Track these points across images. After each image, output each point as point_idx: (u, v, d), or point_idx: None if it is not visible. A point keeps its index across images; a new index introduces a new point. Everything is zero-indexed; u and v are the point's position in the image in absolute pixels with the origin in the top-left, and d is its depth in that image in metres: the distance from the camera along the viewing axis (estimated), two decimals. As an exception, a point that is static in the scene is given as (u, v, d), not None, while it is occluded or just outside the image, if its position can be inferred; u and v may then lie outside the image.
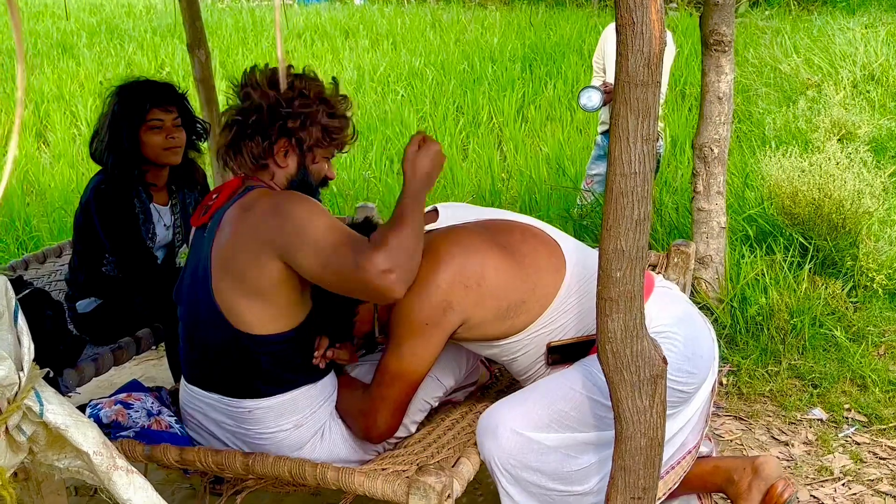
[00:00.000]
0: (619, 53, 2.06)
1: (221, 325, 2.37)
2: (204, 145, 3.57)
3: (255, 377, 2.40)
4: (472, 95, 9.60)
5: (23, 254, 5.01)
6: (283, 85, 1.70)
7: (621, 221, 2.11)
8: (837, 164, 4.63)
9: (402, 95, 9.68)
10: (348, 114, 2.56)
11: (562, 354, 2.52)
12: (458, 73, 10.48)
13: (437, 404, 2.71)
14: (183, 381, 2.59)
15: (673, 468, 2.57)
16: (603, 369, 2.23)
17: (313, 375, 2.49)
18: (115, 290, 3.35)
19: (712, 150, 4.03)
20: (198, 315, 2.45)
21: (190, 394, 2.55)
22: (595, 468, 2.43)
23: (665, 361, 2.24)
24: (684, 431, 2.56)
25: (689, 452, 2.61)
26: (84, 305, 3.37)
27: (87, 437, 1.74)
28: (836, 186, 4.49)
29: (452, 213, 2.60)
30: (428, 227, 2.48)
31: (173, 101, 3.30)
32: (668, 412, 2.29)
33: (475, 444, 2.46)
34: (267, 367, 2.39)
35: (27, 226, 6.26)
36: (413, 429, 2.66)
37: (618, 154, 2.08)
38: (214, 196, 2.51)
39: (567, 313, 2.48)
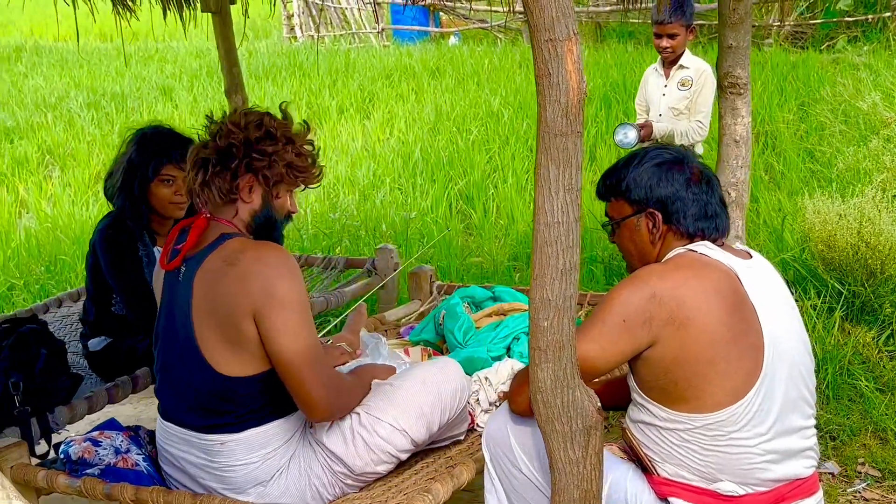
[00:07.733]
0: (538, 104, 2.09)
1: (203, 369, 2.49)
2: None
3: (232, 414, 2.50)
4: (546, 135, 9.53)
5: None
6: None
7: (547, 271, 2.11)
8: (878, 208, 4.47)
9: (475, 135, 9.72)
10: (314, 153, 2.70)
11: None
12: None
13: (405, 458, 2.69)
14: (159, 417, 2.69)
15: None
16: (536, 420, 2.22)
17: (285, 411, 2.57)
18: (123, 329, 3.49)
19: (730, 195, 3.93)
20: (176, 356, 2.56)
21: (165, 430, 2.64)
22: None
23: (600, 412, 2.22)
24: None
25: None
26: (95, 343, 3.52)
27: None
28: (875, 231, 4.34)
29: (761, 280, 2.31)
30: (725, 256, 2.31)
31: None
32: None
33: (433, 485, 2.49)
34: (244, 405, 2.51)
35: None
36: (371, 479, 2.66)
37: (541, 204, 2.09)
38: (179, 236, 2.63)
39: (691, 445, 2.26)
